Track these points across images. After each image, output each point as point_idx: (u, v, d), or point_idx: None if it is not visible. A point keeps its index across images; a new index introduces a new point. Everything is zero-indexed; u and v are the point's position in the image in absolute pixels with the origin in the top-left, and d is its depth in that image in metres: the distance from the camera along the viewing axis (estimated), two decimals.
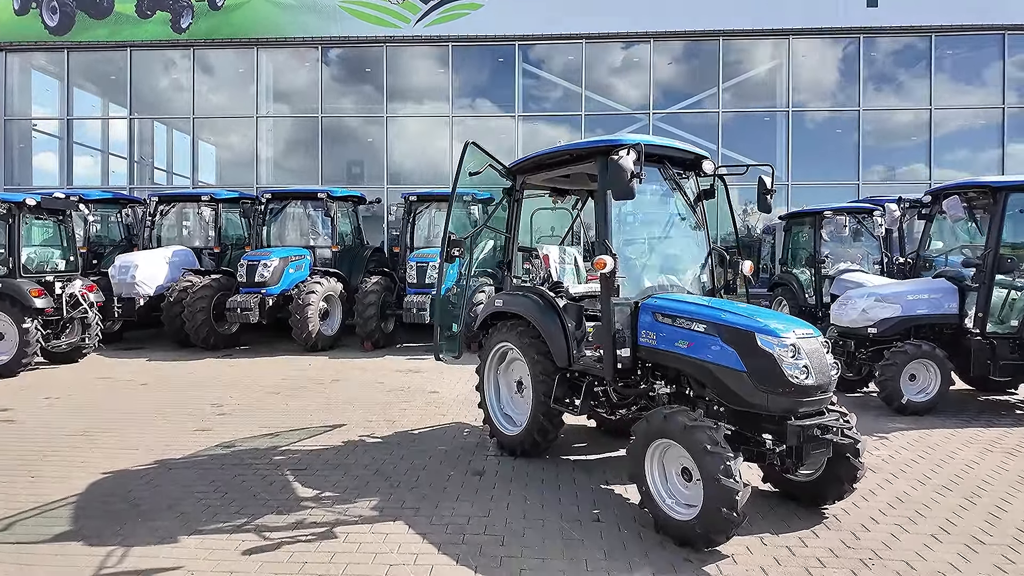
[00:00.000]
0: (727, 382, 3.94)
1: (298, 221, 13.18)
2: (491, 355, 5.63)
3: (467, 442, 5.86)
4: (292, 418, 6.78)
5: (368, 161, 17.88)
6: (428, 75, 17.30)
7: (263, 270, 11.17)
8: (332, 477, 4.97)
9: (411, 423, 6.54)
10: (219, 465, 5.27)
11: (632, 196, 4.10)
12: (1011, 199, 6.90)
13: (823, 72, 16.54)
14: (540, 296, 5.15)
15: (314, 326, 11.02)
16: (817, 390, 3.82)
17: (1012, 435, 6.19)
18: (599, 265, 4.28)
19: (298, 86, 17.55)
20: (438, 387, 8.24)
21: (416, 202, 12.97)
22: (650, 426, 3.96)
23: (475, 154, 5.03)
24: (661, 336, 4.34)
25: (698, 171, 5.08)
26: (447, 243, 4.87)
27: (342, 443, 5.85)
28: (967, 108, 15.91)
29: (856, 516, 4.27)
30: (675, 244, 5.08)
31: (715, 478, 3.52)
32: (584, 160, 4.83)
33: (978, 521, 4.20)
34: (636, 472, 4.07)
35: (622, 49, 16.75)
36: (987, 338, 6.91)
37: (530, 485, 4.76)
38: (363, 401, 7.51)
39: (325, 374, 9.21)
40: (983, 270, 6.87)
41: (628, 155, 4.11)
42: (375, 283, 11.57)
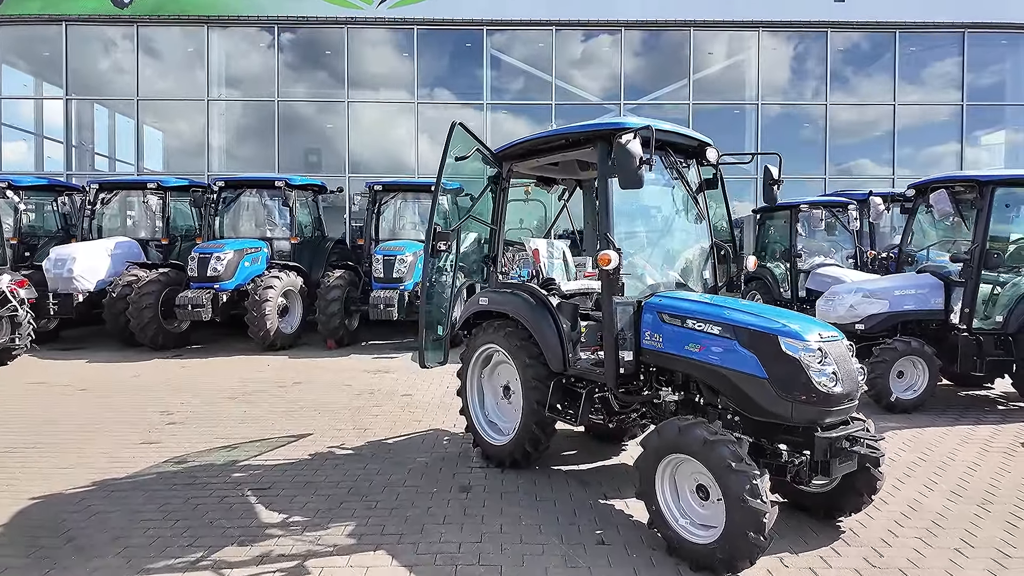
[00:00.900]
0: (746, 390, 3.59)
1: (253, 211, 12.38)
2: (475, 358, 5.17)
3: (448, 452, 5.39)
4: (251, 427, 6.18)
5: (327, 149, 17.09)
6: (391, 60, 16.60)
7: (216, 263, 10.39)
8: (300, 498, 4.43)
9: (384, 431, 6.03)
10: (169, 486, 4.66)
11: (641, 184, 3.70)
12: (998, 193, 6.81)
13: (791, 66, 16.57)
14: (531, 294, 4.72)
15: (272, 323, 10.32)
16: (844, 398, 3.50)
17: (1002, 432, 6.10)
18: (604, 261, 3.87)
19: (252, 69, 16.60)
20: (410, 389, 7.73)
21: (381, 191, 12.32)
22: (662, 440, 3.58)
23: (462, 137, 4.53)
24: (668, 338, 3.96)
25: (700, 159, 4.72)
26: (432, 236, 4.38)
27: (309, 456, 5.31)
28: (929, 104, 16.17)
29: (873, 529, 4.00)
30: (676, 238, 4.72)
31: (741, 499, 3.16)
32: (582, 146, 4.41)
33: (997, 531, 3.98)
34: (646, 490, 3.69)
35: (593, 38, 16.40)
36: (973, 334, 6.83)
37: (523, 503, 4.33)
38: (330, 406, 6.95)
39: (286, 376, 8.58)
40: (971, 265, 6.76)
41: (636, 139, 3.71)
42: (338, 277, 10.92)
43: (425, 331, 4.69)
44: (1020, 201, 7.19)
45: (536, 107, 16.14)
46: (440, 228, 4.39)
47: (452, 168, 4.89)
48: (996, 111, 16.64)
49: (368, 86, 16.53)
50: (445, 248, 4.40)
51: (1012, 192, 6.95)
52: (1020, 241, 7.28)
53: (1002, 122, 16.92)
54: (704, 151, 4.62)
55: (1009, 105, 16.50)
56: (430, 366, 4.94)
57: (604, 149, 4.16)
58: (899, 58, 15.79)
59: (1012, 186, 6.90)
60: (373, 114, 16.81)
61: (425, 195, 12.57)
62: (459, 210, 12.87)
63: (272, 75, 16.03)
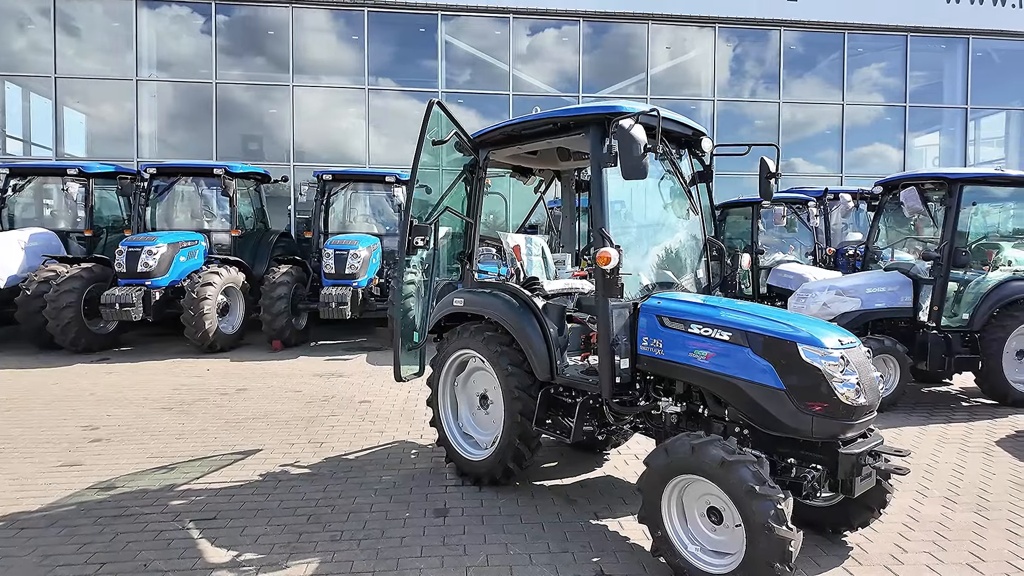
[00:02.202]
0: (761, 402, 3.27)
1: (189, 201, 11.42)
2: (448, 364, 4.69)
3: (417, 469, 4.89)
4: (191, 443, 5.50)
5: (269, 137, 16.10)
6: (340, 43, 15.76)
7: (148, 258, 9.48)
8: (252, 529, 3.86)
9: (343, 445, 5.47)
10: (93, 519, 3.99)
11: (645, 174, 3.34)
12: (966, 191, 6.83)
13: (746, 63, 16.69)
14: (513, 295, 4.27)
15: (212, 323, 9.50)
16: (867, 410, 3.23)
17: (975, 430, 6.09)
18: (603, 260, 3.47)
19: (187, 48, 15.40)
20: (369, 395, 7.17)
21: (331, 182, 11.59)
22: (672, 459, 3.22)
23: (440, 119, 4.04)
24: (669, 344, 3.61)
25: (693, 150, 4.39)
26: (409, 230, 3.87)
27: (259, 477, 4.71)
28: (875, 105, 16.62)
29: (880, 544, 3.78)
30: (670, 234, 4.38)
31: (766, 526, 2.83)
32: (571, 131, 3.99)
33: (1003, 543, 3.83)
34: (650, 515, 3.33)
35: (550, 28, 16.03)
36: (941, 332, 6.84)
37: (508, 527, 3.90)
38: (279, 417, 6.32)
39: (229, 382, 7.84)
40: (940, 263, 6.76)
41: (638, 124, 3.33)
42: (285, 273, 10.17)
43: (401, 340, 4.17)
44: (986, 199, 7.25)
45: (492, 97, 15.66)
46: (416, 222, 3.90)
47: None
48: (934, 113, 17.28)
49: (314, 71, 15.64)
50: (423, 244, 3.91)
51: (979, 190, 6.98)
52: (985, 239, 7.35)
53: (939, 123, 17.58)
54: (699, 141, 4.30)
55: (947, 108, 17.15)
56: (406, 378, 4.43)
57: (598, 135, 3.77)
58: (847, 59, 16.13)
59: (979, 184, 6.94)
60: (319, 100, 15.92)
61: (378, 186, 11.92)
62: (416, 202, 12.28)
63: (210, 56, 14.93)
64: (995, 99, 17.02)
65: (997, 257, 7.23)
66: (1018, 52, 16.70)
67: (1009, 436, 5.90)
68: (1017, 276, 7.01)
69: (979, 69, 16.58)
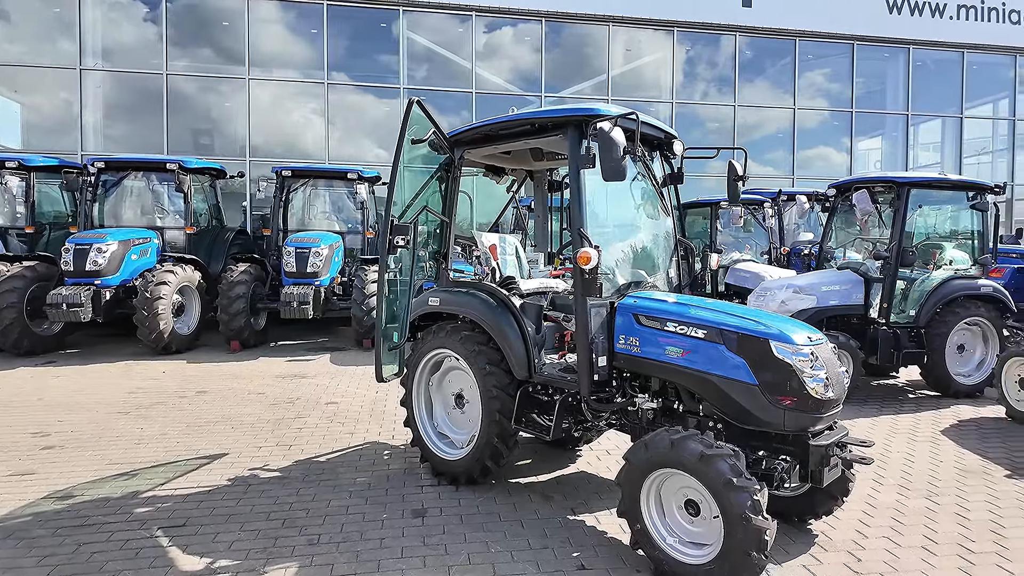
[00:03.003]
0: (735, 397, 3.39)
1: (140, 197, 10.97)
2: (423, 364, 4.67)
3: (392, 470, 4.86)
4: (152, 448, 5.32)
5: (222, 131, 15.59)
6: (297, 36, 15.40)
7: (97, 256, 9.07)
8: (225, 536, 3.76)
9: (313, 447, 5.38)
10: (52, 530, 3.82)
11: (624, 176, 3.40)
12: (912, 194, 7.19)
13: (703, 66, 17.11)
14: (491, 294, 4.29)
15: (167, 324, 9.18)
16: (834, 403, 3.39)
17: (922, 420, 6.43)
18: (583, 260, 3.53)
19: (135, 37, 14.78)
20: (335, 396, 7.06)
21: (290, 178, 11.33)
22: (651, 454, 3.30)
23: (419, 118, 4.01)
24: (645, 342, 3.70)
25: (665, 152, 4.50)
26: (390, 229, 3.83)
27: (228, 482, 4.59)
28: (823, 110, 17.29)
29: (843, 531, 3.96)
30: (643, 234, 4.46)
31: (743, 517, 2.94)
32: (549, 132, 4.03)
33: (953, 527, 4.06)
34: (630, 508, 3.41)
35: (512, 26, 16.06)
36: (890, 328, 7.19)
37: (488, 526, 3.92)
38: (244, 419, 6.16)
39: (187, 384, 7.59)
40: (889, 262, 7.10)
41: (618, 126, 3.40)
42: (243, 272, 9.90)
43: (382, 341, 4.13)
44: (930, 202, 7.65)
45: (453, 95, 15.59)
46: (397, 220, 3.87)
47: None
48: (878, 118, 18.10)
49: (270, 64, 15.23)
50: (404, 244, 3.88)
51: (924, 193, 7.37)
52: (930, 239, 7.76)
53: (883, 128, 18.44)
54: (671, 144, 4.41)
55: (889, 114, 17.99)
56: (388, 379, 4.39)
57: (576, 137, 3.82)
58: (798, 65, 16.73)
59: (925, 188, 7.32)
60: (275, 94, 15.51)
61: (339, 182, 11.72)
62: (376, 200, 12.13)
63: (160, 45, 14.35)
64: (932, 106, 17.95)
65: (940, 257, 7.64)
66: (953, 62, 17.65)
67: (953, 425, 6.26)
68: (958, 275, 7.45)
69: (918, 77, 17.45)
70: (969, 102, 18.00)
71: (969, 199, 7.49)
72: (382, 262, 3.90)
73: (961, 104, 17.80)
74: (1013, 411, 6.36)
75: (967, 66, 17.59)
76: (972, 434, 5.99)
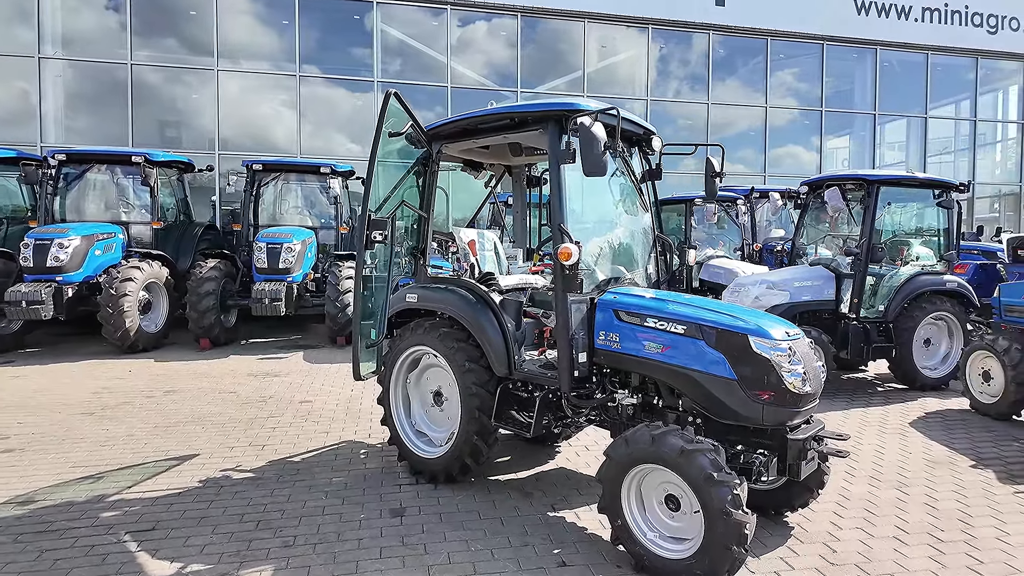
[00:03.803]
0: (714, 392, 3.40)
1: (103, 191, 10.61)
2: (400, 361, 4.61)
3: (369, 469, 4.78)
4: (118, 450, 5.15)
5: (190, 123, 15.21)
6: (268, 26, 15.08)
7: (59, 251, 8.77)
8: (196, 539, 3.66)
9: (287, 447, 5.27)
10: (13, 536, 3.67)
11: (605, 171, 3.38)
12: (882, 192, 7.34)
13: (677, 64, 17.25)
14: (470, 290, 4.24)
15: (133, 321, 8.92)
16: (811, 398, 3.42)
17: (891, 413, 6.58)
18: (564, 256, 3.50)
19: (98, 24, 14.30)
20: (309, 395, 6.93)
21: (261, 172, 11.10)
22: (632, 449, 3.30)
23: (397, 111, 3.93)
24: (625, 338, 3.69)
25: (644, 148, 4.50)
26: (367, 224, 3.75)
27: (199, 484, 4.47)
28: (794, 108, 17.58)
29: (818, 523, 4.02)
30: (622, 230, 4.46)
31: (724, 511, 2.96)
32: (528, 127, 3.98)
33: (923, 516, 4.16)
34: (610, 504, 3.40)
35: (488, 20, 15.96)
36: (861, 322, 7.33)
37: (467, 524, 3.88)
38: (215, 419, 6.01)
39: (155, 384, 7.38)
40: (860, 259, 7.24)
41: (598, 121, 3.38)
42: (212, 267, 9.67)
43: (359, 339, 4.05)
44: (898, 199, 7.82)
45: (428, 89, 15.44)
46: (374, 215, 3.78)
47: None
48: (847, 117, 18.48)
49: (239, 56, 14.89)
50: (382, 239, 3.80)
51: (893, 191, 7.53)
52: (898, 236, 7.94)
53: (851, 128, 18.83)
54: (650, 140, 4.41)
55: (857, 113, 18.37)
56: (365, 376, 4.30)
57: (556, 132, 3.79)
58: (770, 64, 16.97)
59: (894, 186, 7.48)
60: (245, 87, 15.18)
61: (311, 177, 11.53)
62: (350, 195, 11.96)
63: (124, 33, 13.91)
64: (898, 106, 18.39)
65: (908, 253, 7.82)
66: (917, 63, 18.10)
67: (920, 418, 6.41)
68: (925, 271, 7.64)
69: (885, 78, 17.85)
70: (933, 102, 18.49)
71: (935, 196, 7.68)
72: (359, 258, 3.82)
73: (925, 104, 18.27)
74: (976, 403, 6.54)
75: (931, 67, 18.05)
76: (938, 426, 6.14)
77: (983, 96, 19.07)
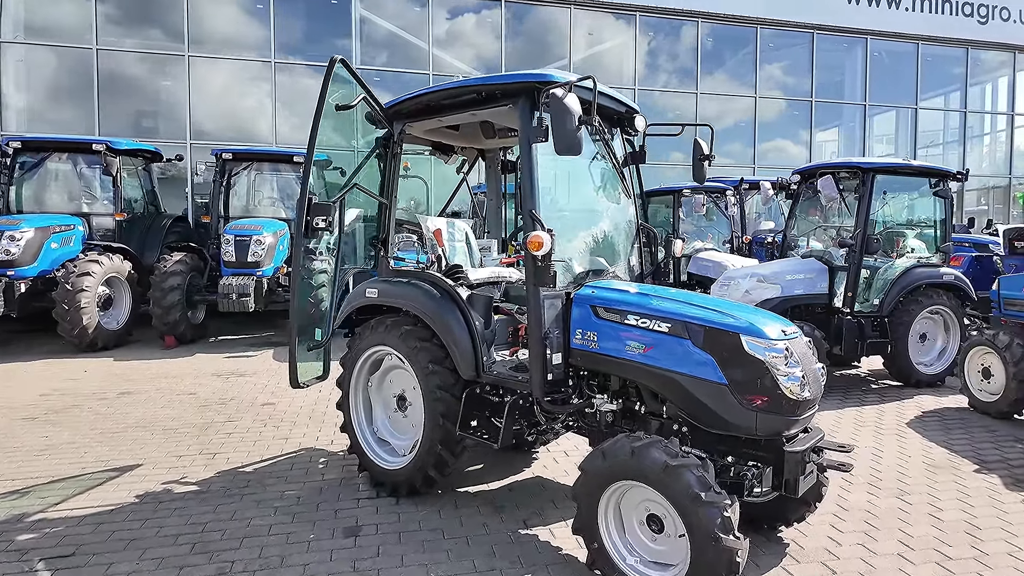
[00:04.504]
0: (702, 398, 3.03)
1: (65, 181, 10.09)
2: (360, 363, 4.21)
3: (327, 480, 4.38)
4: (55, 459, 4.71)
5: (163, 113, 14.62)
6: (242, 11, 14.51)
7: (10, 244, 8.29)
8: (120, 566, 3.24)
9: (240, 455, 4.85)
10: None
11: (579, 149, 2.99)
12: (877, 180, 7.01)
13: (665, 53, 16.87)
14: (434, 284, 3.84)
15: (91, 318, 8.44)
16: (810, 404, 3.06)
17: (886, 412, 6.27)
18: (534, 245, 3.11)
19: (63, 8, 13.66)
20: (273, 396, 6.51)
21: (231, 161, 10.60)
22: (610, 463, 2.92)
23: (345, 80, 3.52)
24: (604, 337, 3.32)
25: (626, 129, 4.11)
26: (307, 209, 3.34)
27: (136, 499, 4.05)
28: (784, 99, 17.27)
29: (815, 539, 3.67)
30: (602, 218, 4.08)
31: (712, 536, 2.59)
32: (496, 102, 3.58)
33: (927, 528, 3.83)
34: (586, 524, 3.03)
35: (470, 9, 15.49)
36: (855, 317, 7.01)
37: (428, 544, 3.49)
38: (167, 424, 5.58)
39: (110, 385, 6.93)
40: (854, 250, 6.92)
41: (572, 93, 2.99)
42: (178, 261, 9.20)
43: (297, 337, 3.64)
44: (894, 188, 7.50)
45: (410, 76, 14.94)
46: (316, 199, 3.37)
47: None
48: (836, 108, 18.20)
49: (214, 39, 14.31)
50: (325, 226, 3.39)
51: (889, 180, 7.20)
52: (894, 227, 7.62)
53: (840, 119, 18.56)
54: (632, 119, 4.02)
55: (847, 104, 18.10)
56: (306, 383, 3.90)
57: (527, 107, 3.39)
58: (759, 53, 16.63)
59: (890, 174, 7.15)
60: (219, 75, 14.61)
61: (285, 166, 11.03)
62: (327, 185, 11.49)
63: (89, 17, 13.29)
64: (888, 97, 18.13)
65: (903, 244, 7.51)
66: (908, 54, 17.84)
67: (917, 417, 6.10)
68: (921, 263, 7.33)
69: (875, 69, 17.58)
70: (923, 94, 18.25)
71: (932, 185, 7.36)
72: (297, 247, 3.42)
73: (916, 96, 18.03)
74: (976, 401, 6.25)
75: (921, 58, 17.80)
76: (936, 426, 5.84)
77: (973, 88, 18.86)
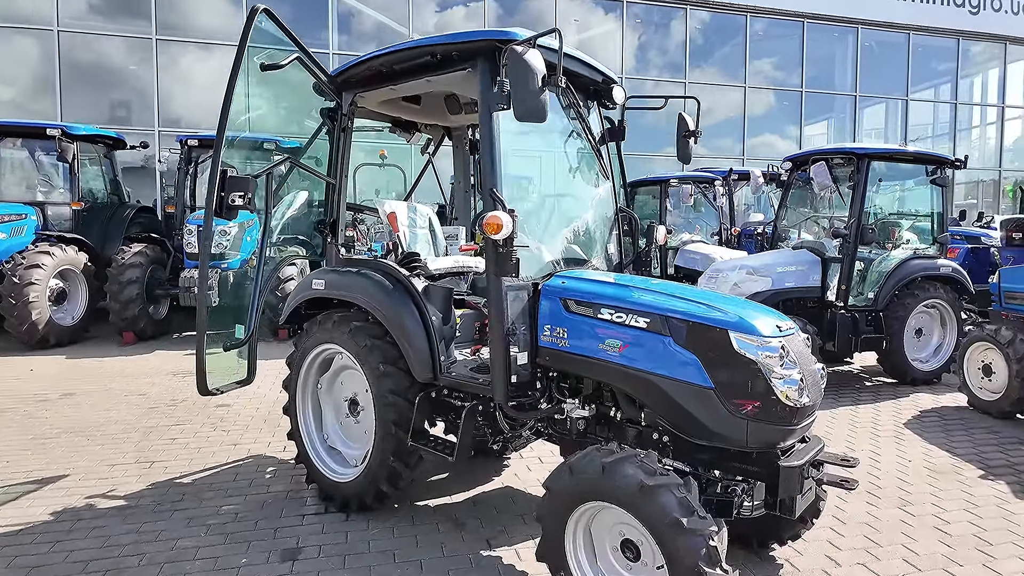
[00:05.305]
0: (684, 404, 2.63)
1: (17, 168, 9.53)
2: (307, 363, 3.78)
3: (271, 493, 3.95)
4: None
5: (134, 99, 14.02)
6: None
7: None
8: None
9: (181, 464, 4.40)
10: None
11: (543, 115, 2.58)
12: (873, 167, 6.65)
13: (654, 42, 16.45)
14: (387, 274, 3.41)
15: (41, 313, 7.92)
16: (809, 411, 2.67)
17: (882, 412, 5.92)
18: (492, 227, 2.69)
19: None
20: (229, 397, 6.03)
21: (197, 148, 10.05)
22: (577, 481, 2.52)
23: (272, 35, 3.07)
24: (576, 334, 2.91)
25: (604, 101, 3.69)
26: (221, 183, 2.87)
27: (51, 516, 3.59)
28: (773, 89, 16.93)
29: (812, 557, 3.30)
30: (576, 201, 3.66)
31: (695, 570, 2.19)
32: (455, 66, 3.14)
33: (933, 543, 3.47)
34: (551, 551, 2.63)
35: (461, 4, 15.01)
36: (849, 311, 6.66)
37: (377, 569, 3.07)
38: (108, 429, 5.11)
39: (54, 385, 6.43)
40: (848, 241, 6.56)
41: (536, 50, 2.57)
42: (137, 253, 8.69)
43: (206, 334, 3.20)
44: (890, 176, 7.15)
45: None
46: (234, 171, 2.92)
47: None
48: (826, 100, 17.89)
49: (184, 22, 13.71)
50: (243, 203, 2.94)
51: (884, 166, 6.85)
52: (885, 218, 7.28)
53: (831, 111, 18.25)
54: (610, 91, 3.59)
55: (838, 95, 17.79)
56: (219, 390, 3.46)
57: (488, 69, 2.96)
58: (749, 43, 16.27)
59: (886, 160, 6.80)
60: (190, 57, 14.01)
61: (257, 153, 10.49)
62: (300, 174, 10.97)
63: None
64: (879, 89, 17.84)
65: (899, 235, 7.17)
66: (899, 44, 17.55)
67: (915, 417, 5.77)
68: (917, 254, 6.99)
69: (866, 59, 17.27)
70: (913, 86, 17.97)
71: (929, 173, 7.02)
72: (207, 227, 2.97)
73: (906, 87, 17.75)
74: (976, 400, 5.91)
75: (912, 48, 17.51)
76: (936, 427, 5.50)
77: (963, 80, 18.62)
